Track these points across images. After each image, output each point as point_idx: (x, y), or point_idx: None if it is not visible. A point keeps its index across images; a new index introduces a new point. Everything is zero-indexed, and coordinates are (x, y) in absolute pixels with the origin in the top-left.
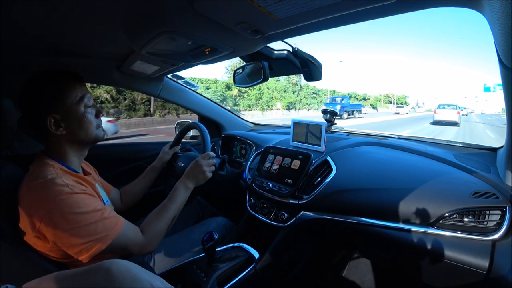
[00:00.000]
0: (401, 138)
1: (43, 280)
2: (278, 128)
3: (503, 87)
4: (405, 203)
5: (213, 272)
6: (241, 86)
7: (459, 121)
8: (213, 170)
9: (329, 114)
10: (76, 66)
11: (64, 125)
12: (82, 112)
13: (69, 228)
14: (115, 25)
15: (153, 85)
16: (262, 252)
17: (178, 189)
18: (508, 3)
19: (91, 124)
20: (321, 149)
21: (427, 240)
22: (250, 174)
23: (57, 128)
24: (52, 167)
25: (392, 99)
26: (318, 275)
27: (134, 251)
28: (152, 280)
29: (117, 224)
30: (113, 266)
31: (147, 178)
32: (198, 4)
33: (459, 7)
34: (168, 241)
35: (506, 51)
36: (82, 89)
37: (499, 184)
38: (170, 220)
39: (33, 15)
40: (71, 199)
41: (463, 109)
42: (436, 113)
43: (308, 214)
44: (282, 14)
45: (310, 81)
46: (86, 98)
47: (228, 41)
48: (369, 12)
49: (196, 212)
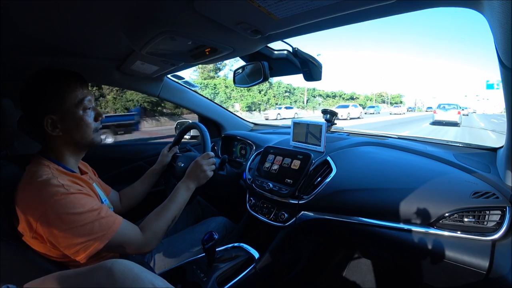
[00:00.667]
0: (401, 138)
1: (45, 280)
2: (278, 128)
3: (503, 87)
4: (405, 203)
5: (213, 272)
6: (241, 86)
7: (460, 121)
8: (213, 169)
9: (329, 114)
10: (76, 66)
11: (61, 126)
12: (80, 114)
13: (65, 229)
14: (115, 25)
15: (153, 85)
16: (262, 252)
17: (180, 189)
18: (508, 3)
19: (88, 127)
20: (321, 149)
21: (427, 240)
22: (250, 174)
23: (53, 129)
24: (47, 167)
25: (385, 98)
26: (318, 275)
27: (133, 250)
28: (154, 280)
29: (114, 223)
30: (115, 266)
31: (147, 181)
32: (198, 4)
33: (459, 7)
34: (168, 241)
35: (506, 51)
36: (82, 91)
37: (499, 184)
38: (170, 220)
39: (33, 15)
40: (67, 200)
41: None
42: (436, 113)
43: (308, 214)
44: (282, 14)
45: (310, 81)
46: (86, 100)
47: (228, 41)
48: (369, 12)
49: (196, 212)
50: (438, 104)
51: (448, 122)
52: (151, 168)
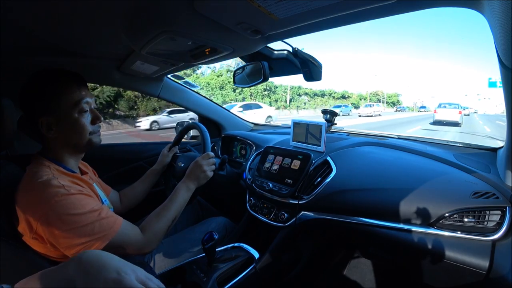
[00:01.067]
0: (401, 138)
1: (29, 280)
2: (278, 128)
3: (503, 87)
4: (405, 203)
5: (213, 272)
6: (241, 86)
7: (461, 122)
8: (213, 169)
9: (329, 114)
10: (76, 66)
11: (55, 128)
12: (75, 117)
13: (65, 230)
14: (115, 25)
15: (153, 85)
16: (262, 252)
17: (180, 190)
18: (508, 3)
19: (84, 130)
20: (321, 149)
21: (427, 240)
22: (250, 174)
23: (48, 131)
24: (48, 168)
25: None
26: (318, 275)
27: (133, 251)
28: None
29: (115, 224)
30: (84, 256)
31: (147, 181)
32: (198, 4)
33: (459, 7)
34: (168, 241)
35: (506, 51)
36: (80, 92)
37: (499, 184)
38: (170, 220)
39: (33, 15)
40: (67, 201)
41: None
42: (437, 112)
43: (308, 214)
44: (282, 14)
45: (310, 81)
46: (83, 102)
47: (228, 41)
48: (369, 12)
49: (196, 212)
50: (438, 103)
51: (448, 122)
52: (151, 169)
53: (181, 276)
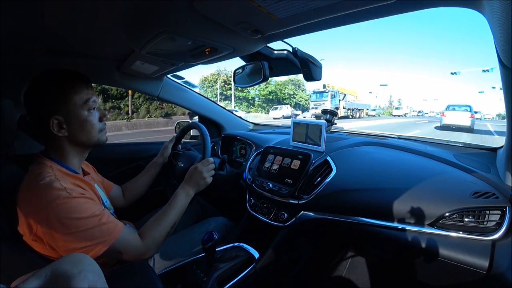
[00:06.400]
0: (401, 138)
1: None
2: (278, 128)
3: (503, 87)
4: (405, 203)
5: (213, 272)
6: (241, 86)
7: (473, 126)
8: (213, 174)
9: (329, 114)
10: (76, 66)
11: (66, 127)
12: (85, 115)
13: (65, 233)
14: (115, 25)
15: (153, 85)
16: (262, 252)
17: (179, 195)
18: (508, 3)
19: (93, 127)
20: (321, 149)
21: (427, 240)
22: (250, 174)
23: (59, 130)
24: (50, 169)
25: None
26: (318, 275)
27: (132, 256)
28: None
29: (115, 229)
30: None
31: (149, 173)
32: (198, 4)
33: (459, 7)
34: (168, 241)
35: (506, 51)
36: (87, 91)
37: (499, 184)
38: (169, 226)
39: (33, 15)
40: (69, 204)
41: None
42: (445, 115)
43: (308, 214)
44: (282, 14)
45: (310, 81)
46: (91, 101)
47: (228, 41)
48: (369, 12)
49: (196, 212)
50: (447, 105)
51: (458, 127)
52: (152, 161)
53: (181, 276)
